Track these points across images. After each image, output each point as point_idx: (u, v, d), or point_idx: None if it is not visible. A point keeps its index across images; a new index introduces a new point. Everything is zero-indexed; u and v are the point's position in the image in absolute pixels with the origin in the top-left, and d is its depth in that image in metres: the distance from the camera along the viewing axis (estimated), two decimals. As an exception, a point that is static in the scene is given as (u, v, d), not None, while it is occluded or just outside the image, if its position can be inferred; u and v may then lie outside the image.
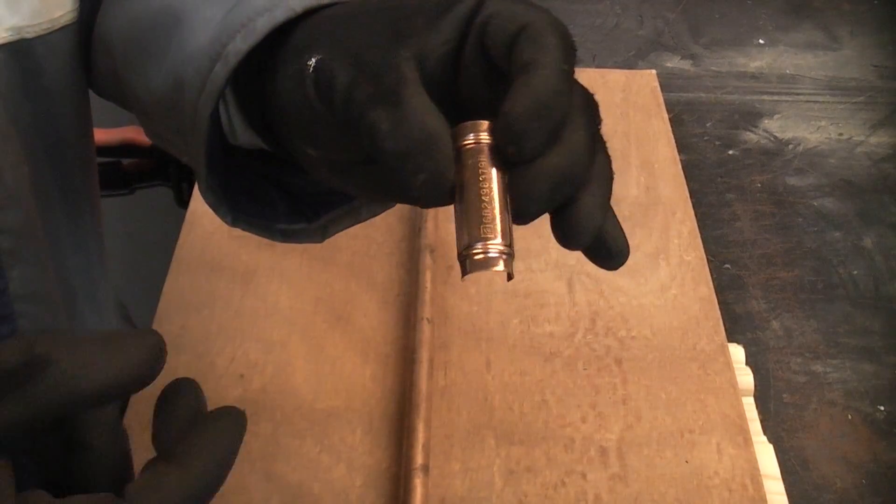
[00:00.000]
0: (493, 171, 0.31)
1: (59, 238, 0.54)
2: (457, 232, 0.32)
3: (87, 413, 0.33)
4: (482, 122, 0.32)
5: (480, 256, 0.30)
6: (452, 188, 0.32)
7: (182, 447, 0.33)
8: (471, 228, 0.31)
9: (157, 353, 0.32)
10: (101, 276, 0.60)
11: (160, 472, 0.32)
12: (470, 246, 0.31)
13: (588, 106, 0.34)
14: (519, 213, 0.32)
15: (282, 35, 0.39)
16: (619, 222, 0.38)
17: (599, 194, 0.35)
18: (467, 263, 0.31)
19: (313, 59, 0.37)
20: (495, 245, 0.30)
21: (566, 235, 0.34)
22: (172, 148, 0.48)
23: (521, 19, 0.34)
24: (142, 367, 0.31)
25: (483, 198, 0.31)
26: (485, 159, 0.31)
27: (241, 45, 0.39)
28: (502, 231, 0.30)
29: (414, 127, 0.32)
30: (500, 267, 0.30)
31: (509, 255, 0.30)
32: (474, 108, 0.36)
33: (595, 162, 0.34)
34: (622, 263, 0.38)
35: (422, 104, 0.33)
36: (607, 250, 0.37)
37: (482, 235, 0.30)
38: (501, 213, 0.31)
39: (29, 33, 0.46)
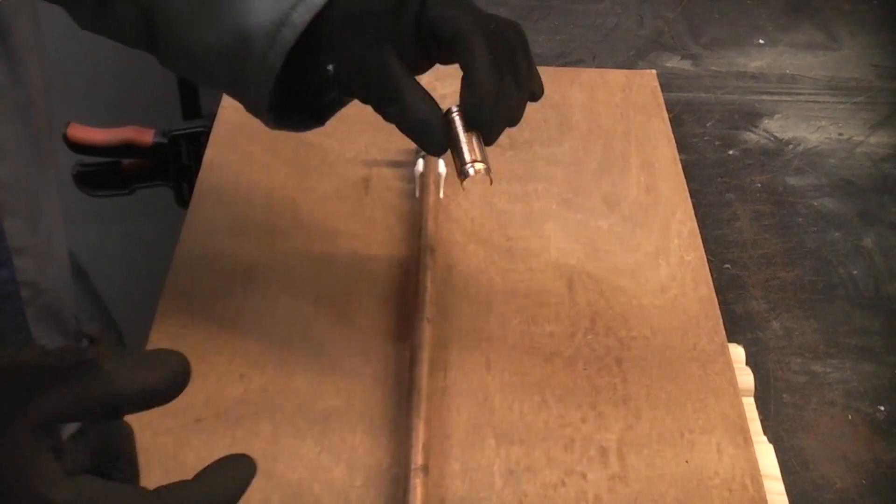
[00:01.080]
0: (466, 129, 0.55)
1: (37, 193, 0.56)
2: (454, 163, 0.55)
3: (117, 420, 0.39)
4: (454, 106, 0.55)
5: (473, 168, 0.54)
6: (446, 146, 0.55)
7: (203, 473, 0.39)
8: (462, 158, 0.54)
9: (185, 373, 0.38)
10: (64, 227, 0.62)
11: (185, 483, 0.38)
12: (464, 164, 0.54)
13: (516, 47, 0.55)
14: (488, 142, 0.54)
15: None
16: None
17: (518, 103, 0.55)
18: (469, 171, 0.54)
19: (330, 67, 0.56)
20: (479, 163, 0.54)
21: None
22: (209, 82, 0.65)
23: (453, 26, 0.53)
24: (173, 383, 0.38)
25: (466, 143, 0.54)
26: (460, 123, 0.54)
27: (305, 14, 0.55)
28: (482, 156, 0.54)
29: (415, 118, 0.54)
30: (484, 172, 0.54)
31: (487, 168, 0.54)
32: (441, 60, 0.57)
33: (518, 85, 0.55)
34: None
35: (415, 98, 0.54)
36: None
37: (471, 159, 0.54)
38: (479, 147, 0.54)
39: None
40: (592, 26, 1.17)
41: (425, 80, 0.92)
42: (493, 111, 0.53)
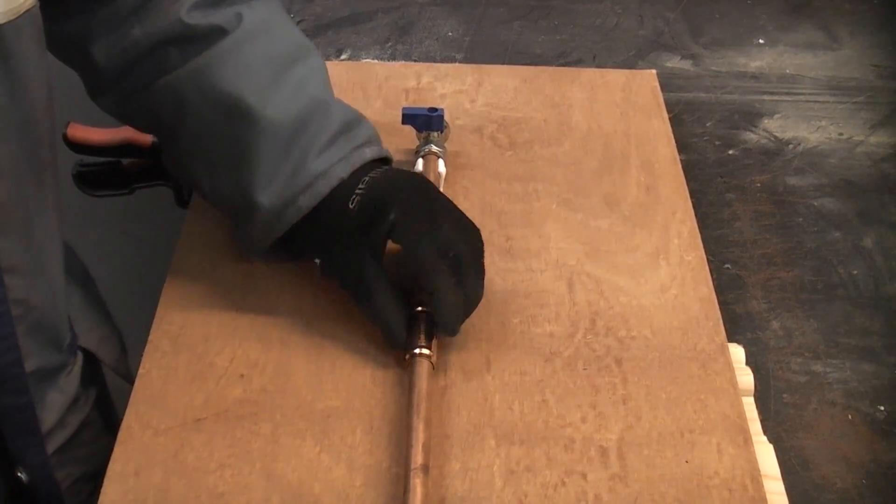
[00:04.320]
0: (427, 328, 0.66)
1: (32, 211, 0.56)
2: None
3: None
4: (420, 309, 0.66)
5: (419, 351, 0.64)
6: (404, 344, 0.65)
7: None
8: (413, 342, 0.64)
9: None
10: (60, 241, 0.62)
11: None
12: (413, 346, 0.64)
13: (469, 261, 0.66)
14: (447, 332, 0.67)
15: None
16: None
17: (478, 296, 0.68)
18: (416, 352, 0.64)
19: (317, 261, 0.68)
20: (425, 348, 0.64)
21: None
22: (204, 196, 0.71)
23: (418, 266, 0.63)
24: None
25: (422, 333, 0.65)
26: (424, 320, 0.66)
27: (310, 200, 0.64)
28: (429, 344, 0.64)
29: (381, 319, 0.65)
30: (427, 359, 0.64)
31: (431, 355, 0.64)
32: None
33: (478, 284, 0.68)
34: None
35: (382, 301, 0.64)
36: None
37: (419, 344, 0.64)
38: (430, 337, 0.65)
39: (0, 20, 0.49)
40: (592, 26, 1.17)
41: (425, 79, 0.92)
42: (461, 320, 0.66)
